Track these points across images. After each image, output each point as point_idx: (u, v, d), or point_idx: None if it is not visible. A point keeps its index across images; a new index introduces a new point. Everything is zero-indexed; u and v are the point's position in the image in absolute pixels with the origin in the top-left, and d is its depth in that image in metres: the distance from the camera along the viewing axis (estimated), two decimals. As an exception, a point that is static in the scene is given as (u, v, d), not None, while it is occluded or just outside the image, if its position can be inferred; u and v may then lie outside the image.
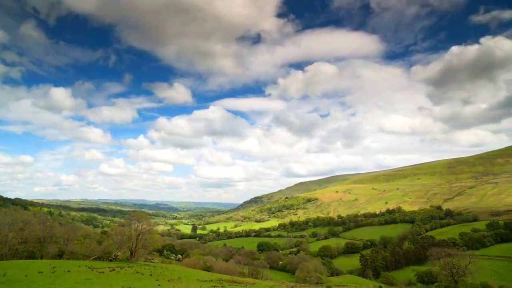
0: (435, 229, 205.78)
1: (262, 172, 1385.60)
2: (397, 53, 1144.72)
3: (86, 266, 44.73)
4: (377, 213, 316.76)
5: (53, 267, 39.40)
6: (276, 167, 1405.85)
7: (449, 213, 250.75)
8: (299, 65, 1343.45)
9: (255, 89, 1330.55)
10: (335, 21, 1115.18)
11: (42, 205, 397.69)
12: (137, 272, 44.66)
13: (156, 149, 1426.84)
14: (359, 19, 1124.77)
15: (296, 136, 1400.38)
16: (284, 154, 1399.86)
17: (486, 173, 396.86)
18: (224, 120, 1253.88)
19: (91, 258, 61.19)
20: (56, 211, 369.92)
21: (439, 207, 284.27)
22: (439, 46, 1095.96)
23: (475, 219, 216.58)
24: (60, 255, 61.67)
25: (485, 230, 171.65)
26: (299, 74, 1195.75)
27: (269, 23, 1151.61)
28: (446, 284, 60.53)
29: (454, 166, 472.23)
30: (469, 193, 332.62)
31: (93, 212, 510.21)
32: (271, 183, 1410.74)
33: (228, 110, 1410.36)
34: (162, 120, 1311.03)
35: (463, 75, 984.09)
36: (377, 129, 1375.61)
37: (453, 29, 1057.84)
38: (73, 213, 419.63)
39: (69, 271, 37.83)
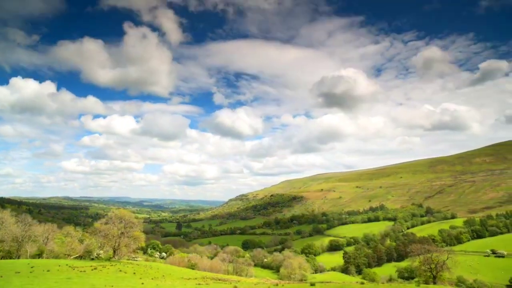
0: (416, 226, 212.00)
1: (231, 171, 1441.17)
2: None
3: (66, 265, 43.71)
4: (361, 211, 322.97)
5: (32, 267, 38.32)
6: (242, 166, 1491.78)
7: (429, 211, 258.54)
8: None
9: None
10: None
11: (20, 203, 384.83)
12: (120, 271, 44.00)
13: (128, 148, 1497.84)
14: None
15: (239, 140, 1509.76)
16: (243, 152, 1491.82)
17: (465, 172, 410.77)
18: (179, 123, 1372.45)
19: (72, 257, 59.86)
20: (36, 209, 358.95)
21: (420, 205, 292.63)
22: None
23: (453, 217, 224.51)
24: (39, 255, 59.92)
25: (462, 227, 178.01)
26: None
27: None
28: (425, 279, 62.37)
29: (435, 165, 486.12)
30: (449, 191, 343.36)
31: (75, 210, 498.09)
32: (253, 181, 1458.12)
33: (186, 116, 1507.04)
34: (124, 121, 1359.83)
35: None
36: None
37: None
38: (53, 211, 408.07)
39: (48, 271, 36.89)
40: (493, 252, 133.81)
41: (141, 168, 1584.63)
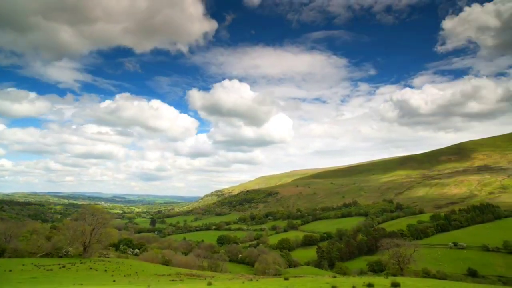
0: (386, 221, 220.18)
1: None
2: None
3: (32, 264, 41.80)
4: (334, 206, 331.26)
5: (-7, 266, 36.30)
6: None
7: (399, 207, 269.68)
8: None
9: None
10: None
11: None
12: (91, 268, 42.72)
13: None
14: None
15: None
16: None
17: (432, 169, 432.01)
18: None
19: (38, 255, 57.09)
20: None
21: (390, 201, 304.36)
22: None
23: (421, 212, 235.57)
24: (0, 254, 56.71)
25: (428, 221, 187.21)
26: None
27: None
28: (393, 272, 65.41)
29: (405, 163, 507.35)
30: (417, 188, 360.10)
31: (42, 206, 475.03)
32: (231, 177, 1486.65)
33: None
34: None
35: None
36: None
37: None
38: (18, 207, 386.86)
39: (10, 271, 35.09)
40: (455, 244, 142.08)
41: (112, 163, 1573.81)
